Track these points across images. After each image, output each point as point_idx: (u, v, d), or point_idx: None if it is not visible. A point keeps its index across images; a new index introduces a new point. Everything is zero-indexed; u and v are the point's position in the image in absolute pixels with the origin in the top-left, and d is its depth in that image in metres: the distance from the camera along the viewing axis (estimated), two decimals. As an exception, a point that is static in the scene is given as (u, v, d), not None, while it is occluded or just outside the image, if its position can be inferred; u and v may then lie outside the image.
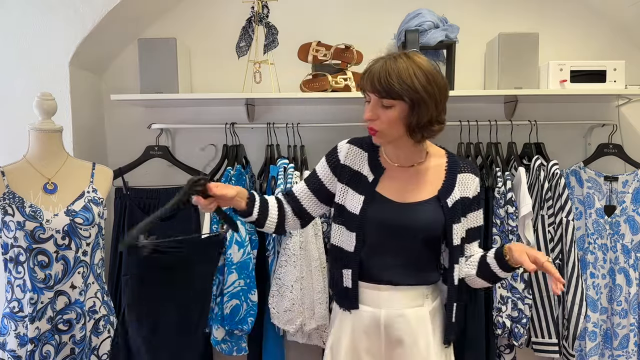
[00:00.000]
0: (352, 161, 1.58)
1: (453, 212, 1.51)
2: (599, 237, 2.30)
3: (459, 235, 1.52)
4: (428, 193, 1.52)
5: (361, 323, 1.54)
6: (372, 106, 1.45)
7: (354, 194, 1.54)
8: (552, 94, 2.24)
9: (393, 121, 1.43)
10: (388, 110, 1.42)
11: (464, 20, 2.41)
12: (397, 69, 1.39)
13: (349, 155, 1.58)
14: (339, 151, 1.60)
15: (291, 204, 1.63)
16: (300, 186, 1.64)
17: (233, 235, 2.13)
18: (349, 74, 2.32)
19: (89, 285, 1.82)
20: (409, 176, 1.54)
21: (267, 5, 2.24)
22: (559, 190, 2.19)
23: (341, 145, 1.61)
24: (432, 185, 1.53)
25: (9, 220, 1.71)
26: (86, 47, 2.26)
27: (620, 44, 2.50)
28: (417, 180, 1.53)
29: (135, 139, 2.47)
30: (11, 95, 2.23)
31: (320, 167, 1.63)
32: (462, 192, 1.53)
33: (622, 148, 2.41)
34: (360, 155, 1.58)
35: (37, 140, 1.82)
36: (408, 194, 1.51)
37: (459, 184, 1.54)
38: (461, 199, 1.53)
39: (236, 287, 2.11)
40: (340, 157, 1.59)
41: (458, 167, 1.56)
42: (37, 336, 1.72)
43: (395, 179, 1.54)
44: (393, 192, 1.52)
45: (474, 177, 1.56)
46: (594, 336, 2.26)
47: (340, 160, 1.58)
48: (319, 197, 1.62)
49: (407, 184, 1.53)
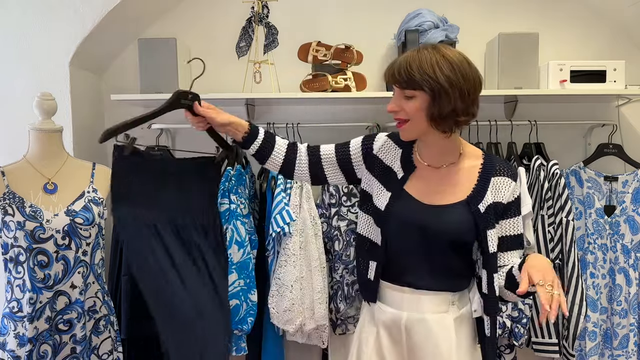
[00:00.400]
0: (385, 155, 1.54)
1: (486, 218, 1.42)
2: (598, 237, 2.30)
3: (494, 241, 1.43)
4: (457, 197, 1.45)
5: (385, 322, 1.52)
6: (395, 98, 1.42)
7: (382, 189, 1.50)
8: (552, 94, 2.24)
9: (414, 112, 1.38)
10: (410, 101, 1.38)
11: (464, 20, 2.41)
12: (419, 59, 1.36)
13: (384, 148, 1.54)
14: (375, 140, 1.56)
15: (311, 157, 1.59)
16: (328, 149, 1.60)
17: (233, 234, 2.13)
18: (349, 74, 2.32)
19: (89, 285, 1.82)
20: (439, 177, 1.48)
21: (267, 5, 2.24)
22: (558, 190, 2.19)
23: (380, 135, 1.57)
24: (462, 188, 1.45)
25: (9, 220, 1.71)
26: (86, 47, 2.26)
27: (620, 44, 2.50)
28: (446, 182, 1.47)
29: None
30: (11, 95, 2.23)
31: (354, 144, 1.59)
32: (494, 197, 1.44)
33: (622, 148, 2.40)
34: (394, 150, 1.53)
35: (37, 140, 1.82)
36: (435, 196, 1.46)
37: (492, 188, 1.45)
38: (494, 204, 1.44)
39: (236, 287, 2.11)
40: (374, 147, 1.55)
41: (493, 170, 1.47)
42: (35, 336, 1.72)
43: (425, 179, 1.49)
44: (420, 192, 1.47)
45: (509, 181, 1.46)
46: (594, 336, 2.26)
47: (374, 150, 1.55)
48: (341, 167, 1.58)
49: (437, 185, 1.47)
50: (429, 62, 1.35)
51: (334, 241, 2.26)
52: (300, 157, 1.60)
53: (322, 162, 1.59)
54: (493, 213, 1.44)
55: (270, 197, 2.21)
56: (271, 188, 2.23)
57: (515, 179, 1.48)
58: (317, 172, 1.60)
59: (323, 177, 1.61)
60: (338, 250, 2.25)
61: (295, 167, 1.60)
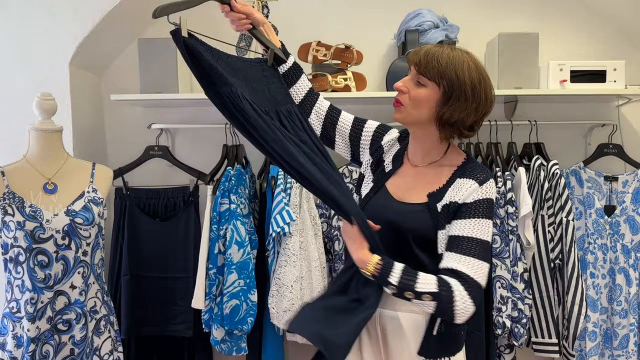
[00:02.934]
0: (388, 148, 1.54)
1: (441, 218, 1.38)
2: (599, 237, 2.30)
3: (443, 243, 1.38)
4: (422, 196, 1.43)
5: None
6: (407, 78, 1.40)
7: (370, 178, 1.52)
8: (552, 94, 2.24)
9: (419, 101, 1.35)
10: (419, 87, 1.35)
11: (464, 20, 2.41)
12: (452, 55, 1.33)
13: (390, 142, 1.55)
14: (389, 132, 1.57)
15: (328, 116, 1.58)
16: (347, 118, 1.59)
17: (233, 234, 2.13)
18: (349, 74, 2.32)
19: (89, 285, 1.82)
20: (415, 175, 1.48)
21: (267, 5, 2.24)
22: (559, 190, 2.19)
23: (394, 129, 1.57)
24: (430, 187, 1.43)
25: (9, 220, 1.71)
26: (86, 47, 2.26)
27: (620, 44, 2.50)
28: (420, 180, 1.46)
29: (135, 139, 2.47)
30: (11, 95, 2.23)
31: (369, 126, 1.58)
32: (452, 197, 1.39)
33: (622, 148, 2.41)
34: (395, 145, 1.54)
35: (37, 140, 1.82)
36: (406, 193, 1.46)
37: (454, 188, 1.40)
38: (451, 203, 1.38)
39: (236, 287, 2.11)
40: (385, 137, 1.56)
41: (464, 172, 1.41)
42: (37, 336, 1.72)
43: (404, 176, 1.49)
44: (397, 188, 1.48)
45: (473, 183, 1.38)
46: (594, 336, 2.26)
47: (383, 140, 1.55)
48: (351, 141, 1.57)
49: (412, 182, 1.47)
50: (461, 61, 1.32)
51: (334, 241, 2.26)
52: (320, 107, 1.58)
53: (337, 128, 1.58)
54: (447, 213, 1.38)
55: (270, 197, 2.21)
56: (271, 188, 2.23)
57: (481, 183, 1.38)
58: (328, 131, 1.59)
59: (332, 140, 1.60)
60: (338, 250, 2.25)
61: (313, 111, 1.58)
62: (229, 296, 2.11)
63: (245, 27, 1.51)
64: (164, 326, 2.28)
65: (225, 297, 2.11)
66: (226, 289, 2.12)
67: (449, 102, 1.33)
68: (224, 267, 2.14)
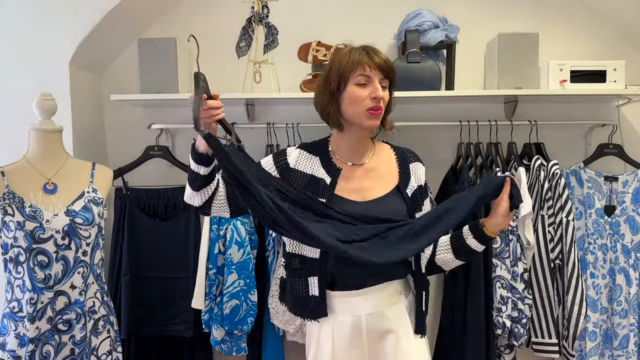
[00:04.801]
0: (304, 166, 1.54)
1: (414, 201, 1.53)
2: (599, 237, 2.30)
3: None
4: (387, 187, 1.52)
5: (342, 332, 1.49)
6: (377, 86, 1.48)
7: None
8: (552, 94, 2.24)
9: (386, 102, 1.51)
10: (385, 90, 1.50)
11: (464, 20, 2.41)
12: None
13: (300, 160, 1.55)
14: (288, 155, 1.56)
15: (228, 191, 1.50)
16: None
17: (233, 234, 2.13)
18: (349, 74, 2.31)
19: (89, 285, 1.82)
20: (364, 173, 1.54)
21: (267, 5, 2.24)
22: (559, 190, 2.19)
23: (290, 149, 1.58)
24: (388, 178, 1.54)
25: (9, 221, 1.71)
26: (86, 47, 2.26)
27: (620, 44, 2.50)
28: (373, 176, 1.53)
29: (135, 139, 2.47)
30: (11, 95, 2.23)
31: (266, 164, 1.54)
32: (417, 181, 1.56)
33: (622, 148, 2.40)
34: (311, 160, 1.56)
35: (37, 140, 1.82)
36: (368, 192, 1.51)
37: (413, 174, 1.57)
38: (418, 187, 1.56)
39: (236, 287, 2.11)
40: (289, 161, 1.54)
41: (406, 157, 1.59)
42: (37, 336, 1.72)
43: (352, 179, 1.52)
44: (352, 192, 1.50)
45: (421, 165, 1.61)
46: (594, 336, 2.26)
47: (290, 164, 1.54)
48: None
49: (365, 180, 1.53)
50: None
51: (334, 241, 2.26)
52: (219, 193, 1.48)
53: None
54: (419, 196, 1.55)
55: (270, 197, 2.21)
56: (271, 188, 2.23)
57: (424, 163, 1.62)
58: (234, 202, 1.49)
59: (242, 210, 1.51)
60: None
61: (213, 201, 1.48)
62: (229, 296, 2.11)
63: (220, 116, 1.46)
64: (164, 326, 2.28)
65: (225, 297, 2.11)
66: (226, 289, 2.12)
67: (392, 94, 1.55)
68: (224, 267, 2.14)
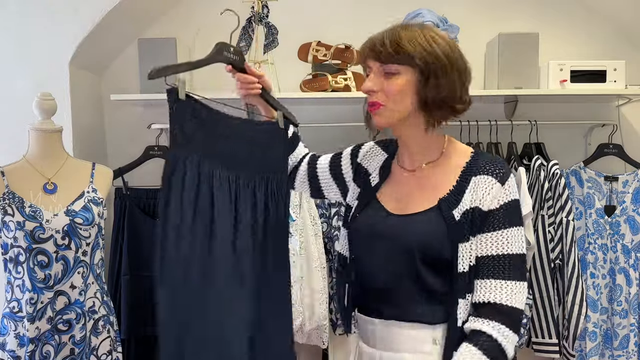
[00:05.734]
0: (369, 162, 1.35)
1: (460, 227, 1.13)
2: (599, 237, 2.30)
3: (467, 259, 1.13)
4: (430, 202, 1.18)
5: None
6: (372, 76, 1.18)
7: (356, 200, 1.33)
8: (552, 94, 2.24)
9: (399, 92, 1.14)
10: (392, 78, 1.14)
11: (464, 20, 2.40)
12: (408, 32, 1.14)
13: (367, 155, 1.36)
14: (361, 148, 1.40)
15: (309, 170, 1.46)
16: (324, 163, 1.45)
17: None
18: (349, 74, 2.32)
19: (88, 285, 1.81)
20: (415, 181, 1.24)
21: (267, 5, 2.24)
22: (559, 190, 2.19)
23: (367, 143, 1.40)
24: (438, 192, 1.19)
25: (9, 220, 1.71)
26: (86, 47, 2.26)
27: (620, 44, 2.50)
28: (422, 186, 1.22)
29: (135, 139, 2.47)
30: (11, 95, 2.23)
31: (345, 154, 1.43)
32: (472, 201, 1.15)
33: (622, 148, 2.40)
34: (379, 156, 1.34)
35: (37, 140, 1.82)
36: (407, 205, 1.22)
37: (471, 190, 1.16)
38: (471, 209, 1.14)
39: (236, 287, 2.11)
40: (359, 154, 1.38)
41: (477, 168, 1.17)
42: (37, 336, 1.71)
43: (398, 184, 1.26)
44: (392, 200, 1.25)
45: (493, 181, 1.15)
46: (594, 336, 2.26)
47: (358, 158, 1.38)
48: (335, 180, 1.42)
49: (411, 190, 1.23)
50: (423, 36, 1.13)
51: (334, 241, 2.26)
52: (301, 168, 1.48)
53: (319, 176, 1.45)
54: (470, 222, 1.14)
55: (270, 197, 2.21)
56: (271, 188, 2.23)
57: (503, 182, 1.15)
58: (316, 185, 1.46)
59: (322, 192, 1.47)
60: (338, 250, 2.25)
61: (296, 178, 1.48)
62: (229, 296, 2.11)
63: (255, 92, 1.38)
64: (163, 326, 2.27)
65: (225, 297, 2.11)
66: (226, 289, 2.11)
67: (429, 80, 1.13)
68: (224, 267, 2.14)
